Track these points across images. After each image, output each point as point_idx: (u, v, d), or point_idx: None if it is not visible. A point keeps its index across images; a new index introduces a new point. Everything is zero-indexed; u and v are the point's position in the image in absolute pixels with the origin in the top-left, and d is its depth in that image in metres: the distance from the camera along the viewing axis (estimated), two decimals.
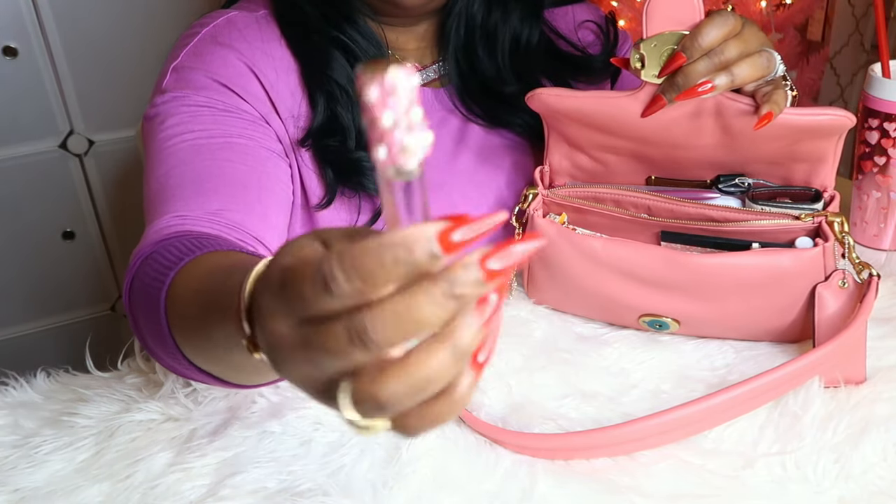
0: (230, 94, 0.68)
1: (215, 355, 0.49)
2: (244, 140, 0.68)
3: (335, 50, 0.73)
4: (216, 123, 0.67)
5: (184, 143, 0.66)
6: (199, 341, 0.49)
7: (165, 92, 0.69)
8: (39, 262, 1.56)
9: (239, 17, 0.73)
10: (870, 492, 0.52)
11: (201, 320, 0.47)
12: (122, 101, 1.47)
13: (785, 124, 0.60)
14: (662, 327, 0.68)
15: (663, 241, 0.67)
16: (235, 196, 0.65)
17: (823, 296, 0.62)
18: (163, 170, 0.65)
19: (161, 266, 0.53)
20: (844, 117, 0.59)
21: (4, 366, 0.69)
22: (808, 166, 0.64)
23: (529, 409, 0.61)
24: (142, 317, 0.54)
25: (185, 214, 0.62)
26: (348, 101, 0.72)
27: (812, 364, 0.57)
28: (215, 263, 0.51)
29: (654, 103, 0.61)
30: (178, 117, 0.67)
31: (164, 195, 0.64)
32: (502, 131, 0.81)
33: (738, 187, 0.67)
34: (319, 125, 0.72)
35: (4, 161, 1.46)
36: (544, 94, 0.66)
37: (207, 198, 0.64)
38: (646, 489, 0.53)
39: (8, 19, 1.37)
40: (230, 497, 0.54)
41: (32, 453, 0.59)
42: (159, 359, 0.56)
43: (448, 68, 0.80)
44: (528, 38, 0.81)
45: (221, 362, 0.49)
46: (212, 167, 0.65)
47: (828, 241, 0.61)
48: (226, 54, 0.69)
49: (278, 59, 0.72)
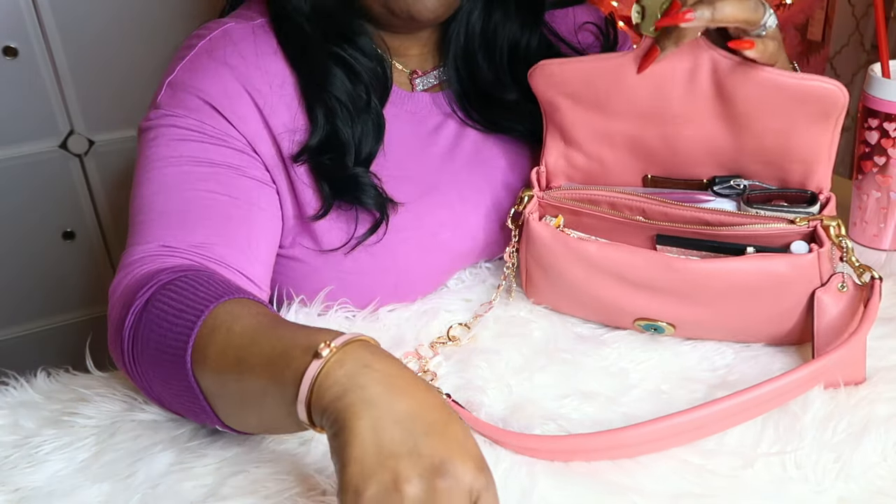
0: (219, 119, 0.69)
1: (244, 407, 0.53)
2: (230, 171, 0.68)
3: (335, 66, 0.72)
4: (204, 150, 0.68)
5: (169, 168, 0.67)
6: (228, 398, 0.53)
7: (159, 108, 0.70)
8: (39, 262, 1.56)
9: (235, 28, 0.72)
10: (870, 492, 0.52)
11: (238, 382, 0.51)
12: (122, 101, 1.47)
13: (775, 83, 0.59)
14: (658, 331, 0.68)
15: (659, 245, 0.66)
16: (219, 229, 0.66)
17: (823, 300, 0.61)
18: (148, 190, 0.67)
19: (178, 313, 0.56)
20: (835, 87, 0.59)
21: (4, 366, 0.69)
22: (803, 167, 0.64)
23: (529, 410, 0.61)
24: (150, 365, 0.57)
25: (172, 246, 0.64)
26: (348, 116, 0.72)
27: (818, 371, 0.56)
28: (246, 326, 0.53)
29: (649, 55, 0.62)
30: (167, 137, 0.68)
31: (147, 219, 0.66)
32: (500, 136, 0.81)
33: (733, 189, 0.66)
34: (318, 141, 0.71)
35: (4, 161, 1.46)
36: (547, 64, 0.67)
37: (191, 230, 0.65)
38: (646, 489, 0.53)
39: (8, 19, 1.36)
40: (231, 497, 0.54)
41: (33, 453, 0.59)
42: (162, 401, 0.60)
43: (448, 73, 0.80)
44: (528, 44, 0.81)
45: (247, 410, 0.53)
46: (196, 198, 0.66)
47: (823, 246, 0.60)
48: (220, 72, 0.70)
49: (273, 73, 0.71)
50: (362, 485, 0.42)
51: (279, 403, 0.49)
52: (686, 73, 0.62)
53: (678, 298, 0.64)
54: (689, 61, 0.62)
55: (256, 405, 0.52)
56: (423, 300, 0.76)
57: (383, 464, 0.42)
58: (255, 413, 0.53)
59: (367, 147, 0.73)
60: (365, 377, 0.45)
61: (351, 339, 0.48)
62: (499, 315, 0.74)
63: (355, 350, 0.47)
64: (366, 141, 0.73)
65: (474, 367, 0.66)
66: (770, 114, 0.62)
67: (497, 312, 0.74)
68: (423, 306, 0.74)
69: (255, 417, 0.54)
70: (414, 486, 0.41)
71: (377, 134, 0.74)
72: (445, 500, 0.41)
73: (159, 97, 0.70)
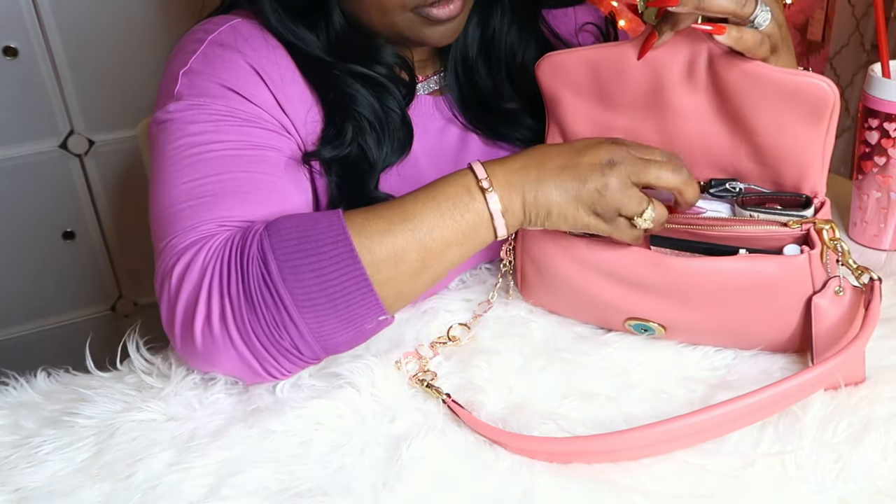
0: (247, 104, 0.68)
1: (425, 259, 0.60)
2: (274, 152, 0.67)
3: (361, 86, 0.72)
4: (243, 134, 0.66)
5: (213, 153, 0.65)
6: (401, 260, 0.59)
7: (181, 99, 0.67)
8: (39, 262, 1.56)
9: (242, 24, 0.72)
10: (870, 492, 0.52)
11: (413, 232, 0.59)
12: (122, 101, 1.47)
13: (765, 77, 0.60)
14: (648, 332, 0.68)
15: (653, 246, 0.66)
16: (275, 208, 0.64)
17: (820, 306, 0.60)
18: (192, 176, 0.64)
19: (315, 220, 0.59)
20: (824, 84, 0.58)
21: (4, 366, 0.69)
22: (797, 170, 0.63)
23: (529, 410, 0.62)
24: (303, 265, 0.57)
25: (235, 221, 0.62)
26: (377, 135, 0.72)
27: (821, 375, 0.56)
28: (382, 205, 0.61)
29: (648, 41, 0.62)
30: (200, 125, 0.66)
31: (200, 202, 0.63)
32: (502, 143, 0.82)
33: (729, 192, 0.66)
34: (345, 155, 0.71)
35: (4, 161, 1.46)
36: (555, 54, 0.68)
37: (253, 208, 0.63)
38: (646, 489, 0.53)
39: (8, 19, 1.36)
40: (230, 497, 0.54)
41: (33, 453, 0.59)
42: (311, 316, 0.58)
43: (448, 80, 0.80)
44: (525, 52, 0.81)
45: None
46: (250, 178, 0.65)
47: (814, 249, 0.60)
48: (234, 59, 0.69)
49: (284, 66, 0.71)
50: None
51: (473, 241, 0.61)
52: (684, 64, 0.63)
53: (667, 298, 0.64)
54: (688, 53, 0.62)
55: (442, 255, 0.60)
56: (423, 300, 0.76)
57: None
58: (438, 264, 0.61)
59: (391, 160, 0.74)
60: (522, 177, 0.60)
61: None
62: (499, 315, 0.74)
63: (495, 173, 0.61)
64: (392, 155, 0.74)
65: (474, 367, 0.66)
66: (761, 109, 0.61)
67: (497, 312, 0.74)
68: (423, 306, 0.74)
69: (432, 273, 0.61)
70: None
71: (405, 145, 0.74)
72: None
73: (177, 89, 0.68)
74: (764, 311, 0.63)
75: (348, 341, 0.61)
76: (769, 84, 0.60)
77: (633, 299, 0.66)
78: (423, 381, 0.64)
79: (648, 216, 0.60)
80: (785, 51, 0.62)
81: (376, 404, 0.63)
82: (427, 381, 0.64)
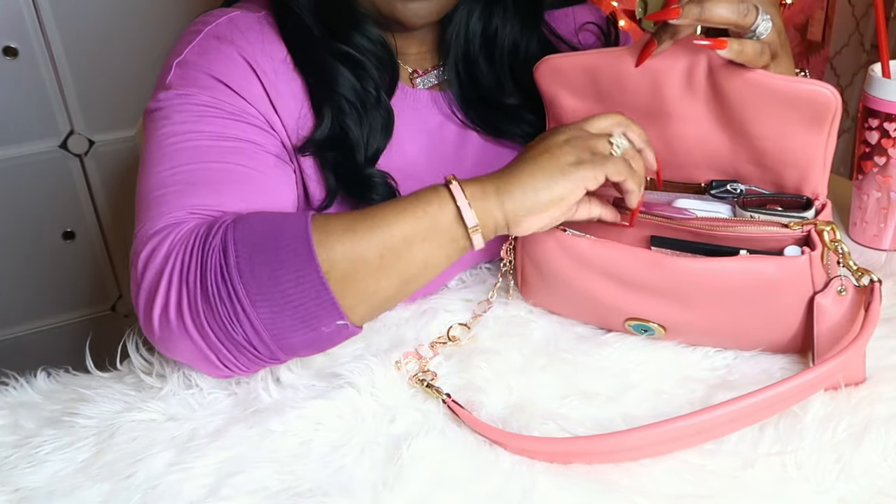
0: (235, 97, 0.68)
1: (383, 267, 0.58)
2: (253, 146, 0.67)
3: (341, 64, 0.72)
4: (225, 127, 0.67)
5: (191, 143, 0.65)
6: (363, 267, 0.58)
7: (170, 88, 0.68)
8: (39, 262, 1.56)
9: (240, 16, 0.72)
10: (870, 492, 0.52)
11: (378, 237, 0.58)
12: (122, 101, 1.47)
13: (766, 85, 0.59)
14: (648, 332, 0.68)
15: (653, 246, 0.66)
16: (249, 200, 0.64)
17: (823, 305, 0.60)
18: (169, 164, 0.64)
19: (282, 219, 0.59)
20: (827, 91, 0.58)
21: (4, 366, 0.69)
22: (798, 172, 0.63)
23: (529, 410, 0.61)
24: (260, 264, 0.56)
25: (205, 209, 0.62)
26: (356, 115, 0.72)
27: (822, 376, 0.56)
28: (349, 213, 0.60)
29: (646, 48, 0.62)
30: (184, 115, 0.66)
31: (170, 191, 0.63)
32: (502, 141, 0.81)
33: (730, 193, 0.66)
34: (326, 137, 0.71)
35: (4, 161, 1.46)
36: (553, 57, 0.68)
37: (225, 197, 0.63)
38: (646, 489, 0.53)
39: (8, 19, 1.36)
40: (231, 497, 0.54)
41: (33, 453, 0.59)
42: (264, 317, 0.57)
43: (449, 75, 0.80)
44: (528, 46, 0.81)
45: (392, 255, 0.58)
46: (224, 168, 0.65)
47: (815, 250, 0.60)
48: (228, 51, 0.69)
49: (279, 60, 0.71)
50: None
51: (438, 235, 0.59)
52: (683, 72, 0.63)
53: (667, 298, 0.64)
54: (687, 61, 0.62)
55: (404, 252, 0.59)
56: (423, 300, 0.76)
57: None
58: (401, 264, 0.59)
59: (375, 143, 0.73)
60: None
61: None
62: (499, 315, 0.74)
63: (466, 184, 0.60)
64: (374, 137, 0.73)
65: (474, 367, 0.66)
66: (763, 116, 0.61)
67: (497, 312, 0.74)
68: (423, 306, 0.74)
69: (395, 273, 0.59)
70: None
71: (386, 129, 0.74)
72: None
73: (168, 79, 0.69)
74: (764, 312, 0.63)
75: (306, 344, 0.59)
76: (771, 93, 0.60)
77: (633, 300, 0.66)
78: (423, 381, 0.64)
79: (619, 143, 0.62)
80: (784, 56, 0.62)
81: (376, 404, 0.63)
82: (427, 381, 0.64)
